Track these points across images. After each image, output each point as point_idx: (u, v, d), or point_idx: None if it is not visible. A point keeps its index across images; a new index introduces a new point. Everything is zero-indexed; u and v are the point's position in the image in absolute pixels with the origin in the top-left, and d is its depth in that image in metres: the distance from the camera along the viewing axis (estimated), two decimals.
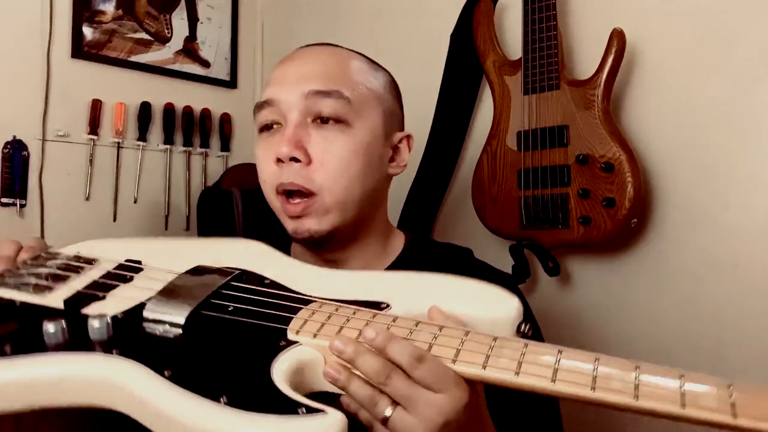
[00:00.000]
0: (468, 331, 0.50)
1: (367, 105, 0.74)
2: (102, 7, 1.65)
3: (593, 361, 0.46)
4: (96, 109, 1.61)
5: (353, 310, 0.54)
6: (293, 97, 0.71)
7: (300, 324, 0.53)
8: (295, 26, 1.89)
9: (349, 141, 0.71)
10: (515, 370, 0.46)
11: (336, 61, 0.75)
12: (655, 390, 0.44)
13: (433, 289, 0.59)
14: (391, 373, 0.48)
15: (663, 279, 1.13)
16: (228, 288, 0.59)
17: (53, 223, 1.55)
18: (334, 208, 0.71)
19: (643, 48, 1.14)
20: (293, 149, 0.69)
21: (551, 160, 1.12)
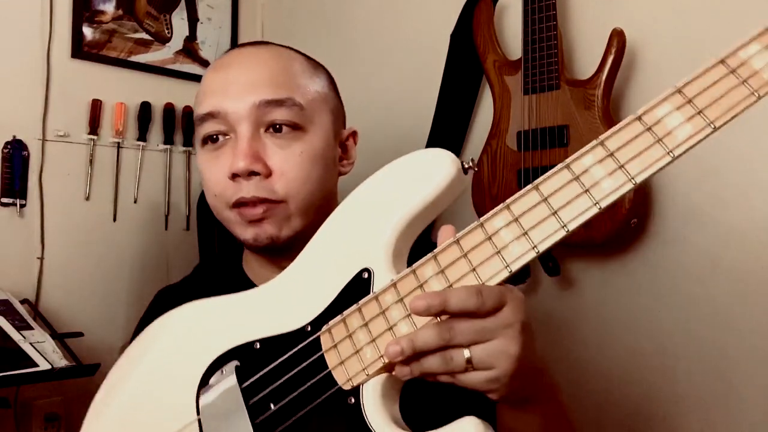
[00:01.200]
0: (458, 242, 0.49)
1: (317, 108, 0.72)
2: (102, 7, 1.64)
3: (567, 170, 0.47)
4: (96, 109, 1.61)
5: (357, 311, 0.51)
6: (242, 107, 0.67)
7: (343, 372, 0.50)
8: (295, 26, 1.89)
9: (306, 147, 0.69)
10: (531, 246, 0.46)
11: (281, 65, 0.71)
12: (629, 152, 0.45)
13: (375, 214, 0.54)
14: (450, 325, 0.47)
15: (663, 279, 1.13)
16: (248, 392, 0.54)
17: (53, 223, 1.55)
18: (296, 214, 0.69)
19: (643, 48, 1.14)
20: (251, 163, 0.66)
21: (551, 160, 1.12)
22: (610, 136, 0.46)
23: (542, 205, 0.46)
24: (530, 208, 0.46)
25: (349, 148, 0.79)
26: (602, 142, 0.46)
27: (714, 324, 1.07)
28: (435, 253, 0.49)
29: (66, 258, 1.56)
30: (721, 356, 1.06)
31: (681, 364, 1.11)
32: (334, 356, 0.51)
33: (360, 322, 0.50)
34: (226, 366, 0.57)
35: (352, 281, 0.53)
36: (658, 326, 1.13)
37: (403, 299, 0.49)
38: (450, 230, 0.51)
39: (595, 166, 0.46)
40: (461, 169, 0.52)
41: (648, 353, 1.14)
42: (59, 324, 1.43)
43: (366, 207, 0.56)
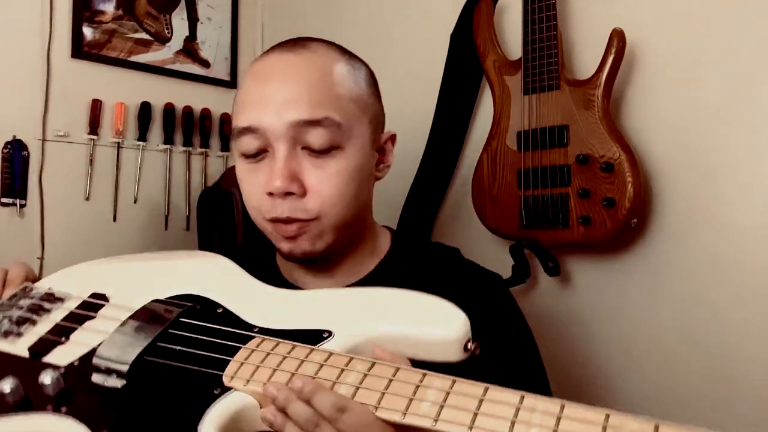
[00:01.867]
0: (398, 369, 0.51)
1: (356, 121, 0.71)
2: (102, 7, 1.65)
3: (518, 400, 0.45)
4: (96, 109, 1.61)
5: (291, 347, 0.55)
6: (279, 125, 0.67)
7: (235, 368, 0.54)
8: (295, 26, 1.89)
9: (343, 165, 0.69)
10: (434, 417, 0.46)
11: (319, 77, 0.69)
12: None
13: (376, 310, 0.59)
14: (319, 421, 0.49)
15: (663, 279, 1.13)
16: (177, 326, 0.61)
17: (53, 223, 1.55)
18: (329, 230, 0.70)
19: (643, 48, 1.14)
20: (288, 184, 0.66)
21: (551, 160, 1.12)
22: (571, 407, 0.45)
23: (474, 402, 0.46)
24: (467, 395, 0.47)
25: (387, 151, 0.78)
26: (562, 408, 0.44)
27: (714, 324, 1.07)
28: (376, 359, 0.52)
29: (66, 258, 1.55)
30: (721, 356, 1.06)
31: (681, 364, 1.11)
32: (243, 355, 0.56)
33: (284, 352, 0.55)
34: (188, 302, 0.65)
35: (315, 331, 0.58)
36: (657, 326, 1.13)
37: (322, 366, 0.52)
38: (380, 350, 0.54)
39: (539, 414, 0.44)
40: (463, 343, 0.54)
41: (648, 353, 1.14)
42: None
43: (380, 301, 0.60)
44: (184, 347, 0.58)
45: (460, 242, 0.88)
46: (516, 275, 1.21)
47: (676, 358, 1.11)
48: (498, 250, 1.26)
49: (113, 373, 0.56)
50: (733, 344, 1.05)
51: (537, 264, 1.22)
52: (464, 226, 1.39)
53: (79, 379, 0.58)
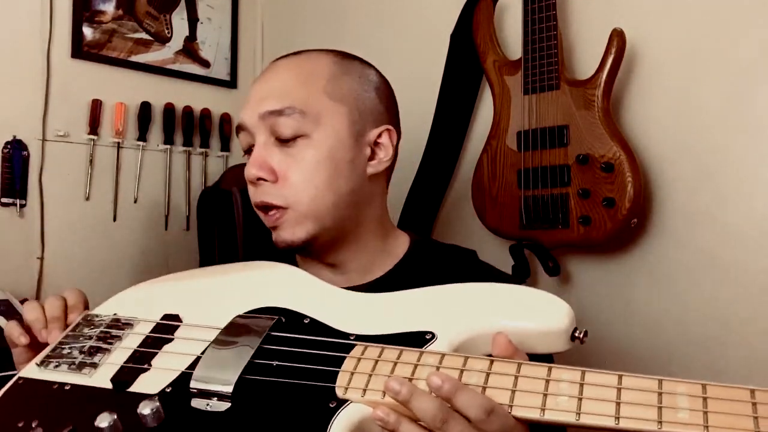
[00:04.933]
0: (520, 365, 0.49)
1: (327, 111, 0.74)
2: (102, 7, 1.64)
3: (657, 385, 0.45)
4: (96, 109, 1.61)
5: (398, 352, 0.53)
6: (253, 118, 0.74)
7: (347, 379, 0.52)
8: (295, 26, 1.89)
9: (311, 153, 0.72)
10: (576, 410, 0.44)
11: (294, 74, 0.75)
12: (724, 418, 0.44)
13: (475, 305, 0.57)
14: (448, 417, 0.47)
15: (663, 279, 1.13)
16: (269, 341, 0.58)
17: (53, 223, 1.55)
18: (305, 218, 0.72)
19: (643, 48, 1.14)
20: (258, 170, 0.72)
21: (551, 160, 1.12)
22: (714, 387, 0.46)
23: (613, 391, 0.45)
24: (602, 385, 0.46)
25: (384, 146, 0.78)
26: (705, 388, 0.47)
27: (714, 323, 1.07)
28: (495, 357, 0.50)
29: (66, 258, 1.56)
30: (720, 356, 1.06)
31: (681, 364, 1.11)
32: (351, 365, 0.53)
33: (393, 358, 0.52)
34: (273, 315, 0.62)
35: (416, 333, 0.55)
36: (657, 326, 1.13)
37: (438, 369, 0.50)
38: (504, 338, 0.52)
39: (683, 397, 0.45)
40: (570, 332, 0.53)
41: (647, 352, 1.14)
42: None
43: (480, 297, 0.59)
44: (283, 362, 0.56)
45: (460, 242, 0.88)
46: (516, 275, 1.21)
47: (676, 357, 1.11)
48: (498, 250, 1.26)
49: (214, 396, 0.54)
50: (733, 344, 1.05)
51: (537, 264, 1.22)
52: (464, 226, 1.39)
53: (177, 406, 0.54)
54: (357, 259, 0.78)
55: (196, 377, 0.55)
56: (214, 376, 0.55)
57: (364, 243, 0.78)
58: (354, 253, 0.78)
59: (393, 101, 0.83)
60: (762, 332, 1.02)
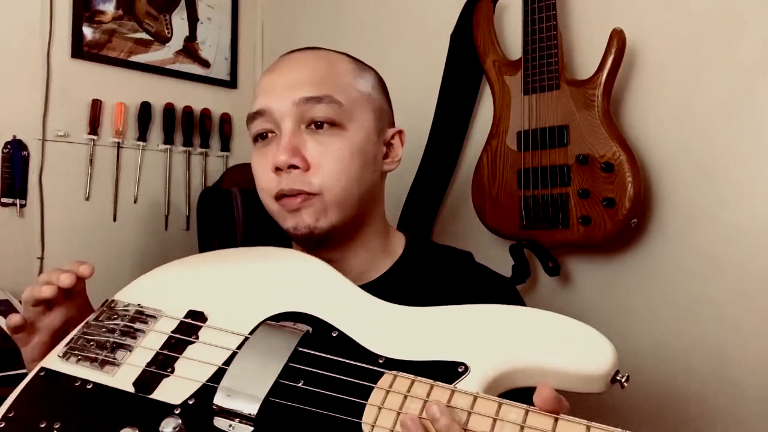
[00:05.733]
0: (556, 420, 0.46)
1: (358, 106, 0.75)
2: (102, 7, 1.65)
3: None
4: (96, 109, 1.61)
5: (428, 387, 0.50)
6: (285, 105, 0.72)
7: (374, 415, 0.49)
8: (295, 26, 1.89)
9: (345, 143, 0.72)
10: None
11: (324, 66, 0.75)
12: None
13: (513, 336, 0.53)
14: None
15: (663, 279, 1.13)
16: (297, 358, 0.56)
17: (53, 223, 1.55)
18: (333, 207, 0.72)
19: (643, 48, 1.14)
20: (291, 157, 0.70)
21: (551, 160, 1.12)
22: None
23: None
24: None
25: (395, 147, 0.81)
26: None
27: (714, 324, 1.07)
28: (530, 408, 0.47)
29: (66, 258, 1.55)
30: (721, 356, 1.06)
31: (680, 364, 1.11)
32: (379, 398, 0.51)
33: (422, 395, 0.50)
34: (300, 324, 0.60)
35: (447, 363, 0.52)
36: (657, 326, 1.13)
37: (470, 414, 0.47)
38: (549, 392, 0.47)
39: None
40: (612, 375, 0.50)
41: (647, 353, 1.14)
42: None
43: (518, 325, 0.55)
44: (308, 385, 0.54)
45: (460, 242, 0.89)
46: (516, 275, 1.21)
47: (676, 357, 1.11)
48: (498, 250, 1.26)
49: (237, 417, 0.52)
50: (733, 344, 1.05)
51: (537, 264, 1.22)
52: (464, 226, 1.39)
53: (199, 422, 0.53)
54: (358, 257, 0.78)
55: (220, 394, 0.53)
56: (238, 395, 0.53)
57: (368, 241, 0.79)
58: (357, 251, 0.78)
59: (392, 106, 0.85)
60: (762, 332, 1.02)
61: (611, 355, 0.50)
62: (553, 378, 0.50)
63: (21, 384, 0.62)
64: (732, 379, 1.05)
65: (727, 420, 1.05)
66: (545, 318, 0.54)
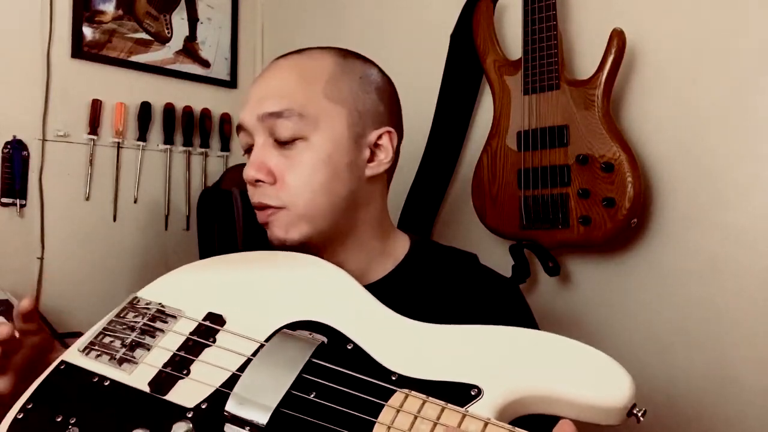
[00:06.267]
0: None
1: (326, 114, 0.73)
2: (102, 7, 1.65)
3: None
4: (96, 109, 1.62)
5: (439, 410, 0.49)
6: (252, 120, 0.74)
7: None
8: (295, 26, 1.89)
9: (308, 156, 0.72)
10: None
11: (294, 75, 0.74)
12: None
13: (530, 362, 0.52)
14: None
15: (663, 279, 1.13)
16: (310, 369, 0.56)
17: (53, 223, 1.55)
18: (300, 220, 0.73)
19: (643, 48, 1.14)
20: (257, 172, 0.72)
21: (551, 160, 1.12)
22: None
23: None
24: None
25: (384, 147, 0.77)
26: None
27: (714, 324, 1.07)
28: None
29: (66, 258, 1.56)
30: (721, 356, 1.06)
31: (680, 364, 1.11)
32: (389, 416, 0.50)
33: (433, 417, 0.49)
34: (316, 335, 0.60)
35: (460, 385, 0.52)
36: (657, 326, 1.13)
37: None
38: (570, 429, 0.46)
39: None
40: (628, 408, 0.49)
41: (647, 353, 1.14)
42: (59, 324, 1.44)
43: (534, 350, 0.54)
44: (320, 398, 0.54)
45: (460, 242, 0.89)
46: (516, 275, 1.21)
47: (676, 357, 1.11)
48: (498, 250, 1.26)
49: (248, 425, 0.53)
50: (733, 344, 1.05)
51: (537, 264, 1.22)
52: (464, 226, 1.39)
53: (210, 427, 0.54)
54: (354, 261, 0.77)
55: (232, 401, 0.54)
56: (250, 404, 0.53)
57: (362, 244, 0.78)
58: (351, 254, 0.77)
59: (395, 101, 0.81)
60: (762, 332, 1.02)
61: (629, 388, 0.49)
62: (567, 408, 0.49)
63: (41, 375, 0.63)
64: (732, 379, 1.05)
65: (727, 420, 1.05)
66: (564, 345, 0.54)
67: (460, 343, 0.56)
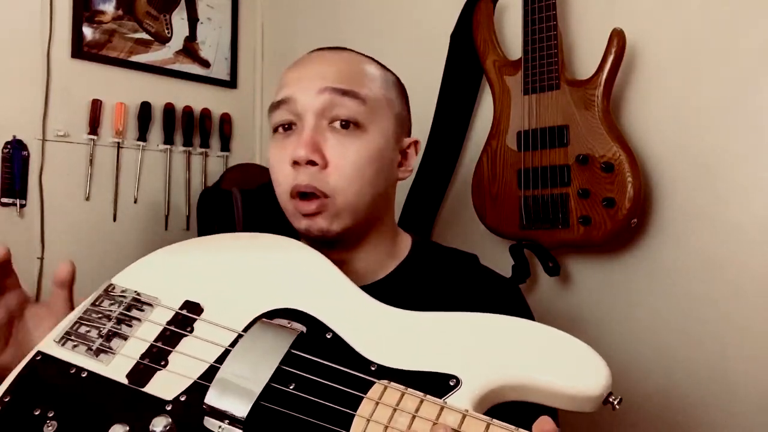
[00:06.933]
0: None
1: (380, 109, 0.74)
2: (102, 7, 1.65)
3: None
4: (96, 109, 1.62)
5: (418, 402, 0.49)
6: (309, 95, 0.71)
7: (362, 428, 0.49)
8: (295, 26, 1.89)
9: (364, 146, 0.72)
10: None
11: (350, 64, 0.75)
12: None
13: (508, 351, 0.53)
14: None
15: (663, 279, 1.13)
16: (289, 360, 0.56)
17: (53, 223, 1.55)
18: (345, 210, 0.72)
19: (643, 48, 1.14)
20: (310, 152, 0.69)
21: (551, 160, 1.12)
22: None
23: None
24: None
25: (410, 156, 0.80)
26: None
27: (714, 324, 1.07)
28: (519, 430, 0.46)
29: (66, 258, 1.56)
30: (721, 356, 1.06)
31: (680, 364, 1.11)
32: (368, 409, 0.50)
33: (411, 410, 0.49)
34: (295, 323, 0.59)
35: (439, 375, 0.52)
36: (657, 326, 1.13)
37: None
38: (550, 426, 0.46)
39: None
40: (604, 396, 0.49)
41: (647, 353, 1.14)
42: None
43: (513, 338, 0.54)
44: (299, 390, 0.53)
45: (460, 242, 0.89)
46: (516, 275, 1.21)
47: (676, 357, 1.11)
48: (498, 250, 1.26)
49: (227, 418, 0.52)
50: (733, 344, 1.05)
51: (537, 264, 1.22)
52: (464, 226, 1.39)
53: (189, 420, 0.53)
54: (365, 259, 0.78)
55: (211, 394, 0.53)
56: (228, 397, 0.53)
57: (376, 244, 0.78)
58: (365, 253, 0.78)
59: (410, 114, 0.85)
60: (762, 332, 1.02)
61: (605, 376, 0.49)
62: (544, 396, 0.50)
63: (18, 367, 0.62)
64: (731, 379, 1.05)
65: (726, 420, 1.05)
66: (542, 332, 0.54)
67: (440, 330, 0.56)
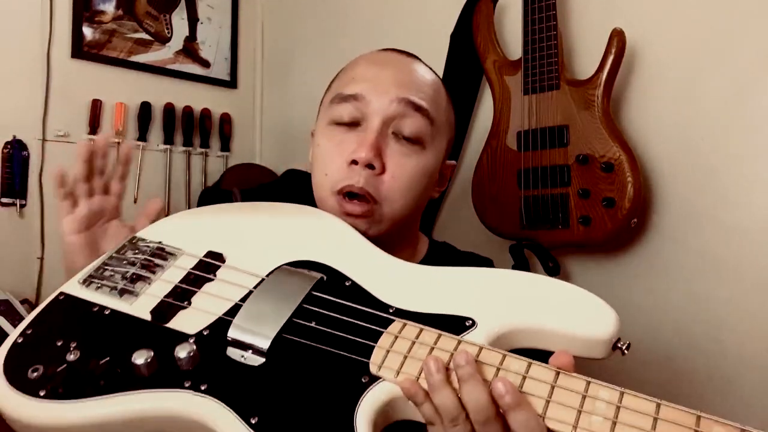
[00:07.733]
0: (558, 373, 0.47)
1: (442, 132, 0.76)
2: (102, 7, 1.65)
3: (695, 422, 0.45)
4: (96, 109, 1.62)
5: (436, 336, 0.52)
6: (384, 100, 0.71)
7: (382, 356, 0.51)
8: (295, 26, 1.89)
9: (421, 162, 0.73)
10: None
11: (427, 79, 0.76)
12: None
13: (522, 298, 0.55)
14: (459, 421, 0.47)
15: (663, 279, 1.13)
16: (310, 300, 0.58)
17: (53, 223, 1.55)
18: (388, 219, 0.72)
19: (643, 48, 1.14)
20: (373, 157, 0.69)
21: (551, 160, 1.12)
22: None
23: (649, 421, 0.44)
24: (639, 412, 0.44)
25: (444, 178, 0.82)
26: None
27: (714, 324, 1.07)
28: (532, 361, 0.49)
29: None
30: (720, 355, 1.06)
31: (680, 364, 1.11)
32: (387, 342, 0.53)
33: (430, 342, 0.51)
34: (315, 272, 0.61)
35: (455, 317, 0.54)
36: (657, 326, 1.14)
37: (475, 362, 0.49)
38: (567, 358, 0.48)
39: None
40: (613, 341, 0.51)
41: (647, 352, 1.14)
42: None
43: (525, 289, 0.57)
44: (320, 326, 0.55)
45: (460, 242, 0.89)
46: None
47: (676, 357, 1.11)
48: (498, 250, 1.26)
49: (250, 348, 0.54)
50: (732, 343, 1.05)
51: (537, 264, 1.22)
52: (464, 226, 1.39)
53: (212, 351, 0.55)
54: None
55: (235, 327, 0.55)
56: (252, 329, 0.55)
57: (400, 249, 0.78)
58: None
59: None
60: (761, 332, 1.02)
61: (614, 322, 0.52)
62: (556, 340, 0.51)
63: (40, 305, 0.63)
64: (732, 379, 1.05)
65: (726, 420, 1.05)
66: (554, 284, 0.56)
67: (455, 281, 0.59)
